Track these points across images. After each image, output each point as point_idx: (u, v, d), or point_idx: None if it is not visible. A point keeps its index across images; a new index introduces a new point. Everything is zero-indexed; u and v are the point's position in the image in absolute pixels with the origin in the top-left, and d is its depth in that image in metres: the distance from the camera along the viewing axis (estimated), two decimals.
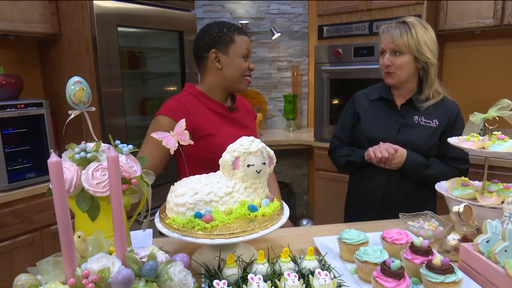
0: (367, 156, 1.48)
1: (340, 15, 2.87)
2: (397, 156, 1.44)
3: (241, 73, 1.45)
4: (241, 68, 1.44)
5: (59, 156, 0.68)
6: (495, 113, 1.13)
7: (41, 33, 2.20)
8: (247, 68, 1.45)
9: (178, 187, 0.96)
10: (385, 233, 1.03)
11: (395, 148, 1.44)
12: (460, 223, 1.01)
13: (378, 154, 1.43)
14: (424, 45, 1.46)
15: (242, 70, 1.44)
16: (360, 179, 1.64)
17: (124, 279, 0.65)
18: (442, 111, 1.53)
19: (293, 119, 3.59)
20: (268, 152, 1.01)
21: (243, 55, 1.43)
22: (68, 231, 0.65)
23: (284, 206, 1.02)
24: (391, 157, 1.43)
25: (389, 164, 1.46)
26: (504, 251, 0.84)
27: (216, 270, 0.86)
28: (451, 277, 0.80)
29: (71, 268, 0.66)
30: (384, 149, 1.43)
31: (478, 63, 2.82)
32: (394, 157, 1.44)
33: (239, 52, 1.42)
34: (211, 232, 0.86)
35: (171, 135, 0.95)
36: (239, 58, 1.43)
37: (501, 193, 1.12)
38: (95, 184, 0.82)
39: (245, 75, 1.46)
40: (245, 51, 1.43)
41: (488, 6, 2.45)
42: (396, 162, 1.45)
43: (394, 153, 1.43)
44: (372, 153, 1.45)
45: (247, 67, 1.45)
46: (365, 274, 0.90)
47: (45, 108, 2.04)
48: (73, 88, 0.81)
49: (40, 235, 2.03)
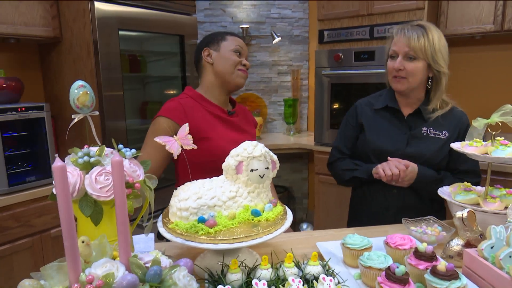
0: (376, 174, 1.39)
1: (341, 20, 2.88)
2: (408, 172, 1.36)
3: (232, 65, 1.44)
4: (231, 60, 1.44)
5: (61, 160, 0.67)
6: (498, 118, 1.13)
7: (42, 36, 2.20)
8: (239, 62, 1.45)
9: (181, 192, 0.95)
10: (388, 238, 1.02)
11: (405, 164, 1.35)
12: (464, 229, 1.01)
13: (388, 172, 1.34)
14: (439, 53, 1.38)
15: (232, 62, 1.44)
16: (368, 194, 1.55)
17: (129, 284, 0.65)
18: (452, 122, 1.46)
19: (293, 123, 3.60)
20: (271, 157, 1.01)
21: (234, 49, 1.44)
22: (73, 235, 0.65)
23: (287, 211, 1.02)
24: (402, 174, 1.34)
25: (401, 181, 1.37)
26: (509, 257, 0.83)
27: (219, 275, 0.85)
28: (456, 283, 0.79)
29: (75, 273, 0.65)
30: (394, 166, 1.35)
31: (478, 68, 2.83)
32: (405, 174, 1.35)
33: (230, 47, 1.45)
34: (215, 237, 0.86)
35: (174, 139, 0.95)
36: (230, 52, 1.44)
37: (504, 199, 1.12)
38: (99, 188, 0.81)
39: (238, 68, 1.45)
40: (236, 47, 1.45)
41: (488, 11, 2.47)
42: (408, 178, 1.37)
43: (405, 170, 1.35)
44: (382, 171, 1.36)
45: (238, 61, 1.45)
46: (369, 280, 0.90)
47: (45, 112, 2.04)
48: (76, 92, 0.81)
49: (40, 239, 2.02)
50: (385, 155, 1.43)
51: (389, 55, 1.47)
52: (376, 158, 1.48)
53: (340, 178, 1.61)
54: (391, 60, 1.46)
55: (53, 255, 2.07)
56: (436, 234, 1.12)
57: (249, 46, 3.59)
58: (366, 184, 1.54)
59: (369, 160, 1.51)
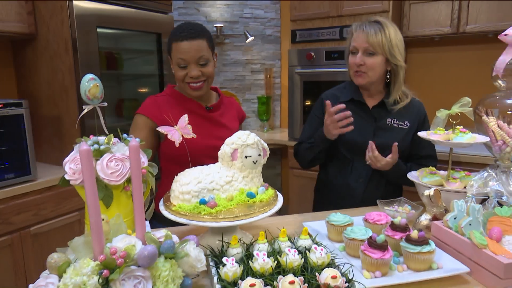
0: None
1: (312, 21, 3.03)
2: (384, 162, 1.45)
3: (180, 80, 1.42)
4: (177, 76, 1.42)
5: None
6: (458, 109, 1.29)
7: (17, 32, 2.18)
8: (184, 76, 1.40)
9: (182, 177, 1.03)
10: (367, 215, 1.15)
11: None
12: (431, 205, 1.15)
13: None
14: (396, 47, 1.48)
15: (178, 78, 1.42)
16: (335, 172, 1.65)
17: (150, 254, 0.72)
18: (412, 112, 1.58)
19: (266, 120, 3.71)
20: (263, 145, 1.11)
21: (177, 63, 1.40)
22: (97, 213, 0.72)
23: (278, 194, 1.12)
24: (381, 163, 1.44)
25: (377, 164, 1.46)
26: (469, 224, 0.98)
27: (221, 250, 0.94)
28: (426, 248, 0.93)
29: (100, 246, 0.72)
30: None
31: (438, 67, 3.08)
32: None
33: (173, 60, 1.42)
34: (216, 216, 0.95)
35: (175, 129, 1.03)
36: (175, 66, 1.42)
37: (464, 179, 1.28)
38: (110, 173, 0.88)
39: (186, 82, 1.42)
40: (178, 60, 1.39)
41: (446, 15, 2.70)
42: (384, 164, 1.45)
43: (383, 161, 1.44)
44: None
45: (182, 75, 1.40)
46: (353, 250, 1.02)
47: (24, 108, 2.02)
48: (87, 84, 0.87)
49: (19, 236, 2.00)
50: (354, 147, 1.55)
51: (350, 51, 1.57)
52: (346, 150, 1.59)
53: (304, 160, 1.68)
54: (352, 55, 1.55)
55: (33, 252, 2.06)
56: (407, 212, 1.26)
57: (223, 45, 3.67)
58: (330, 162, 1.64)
59: (339, 152, 1.60)
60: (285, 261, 0.86)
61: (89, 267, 0.68)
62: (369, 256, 0.91)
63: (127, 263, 0.71)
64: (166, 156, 1.46)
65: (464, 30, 2.65)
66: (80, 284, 0.65)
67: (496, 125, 1.26)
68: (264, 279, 0.81)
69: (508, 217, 1.01)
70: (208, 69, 1.41)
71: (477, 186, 1.12)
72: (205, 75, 1.41)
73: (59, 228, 2.18)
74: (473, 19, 2.63)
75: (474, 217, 0.98)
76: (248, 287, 0.76)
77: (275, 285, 0.79)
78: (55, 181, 2.12)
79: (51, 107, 2.34)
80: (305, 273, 0.84)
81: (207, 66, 1.41)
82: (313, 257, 0.88)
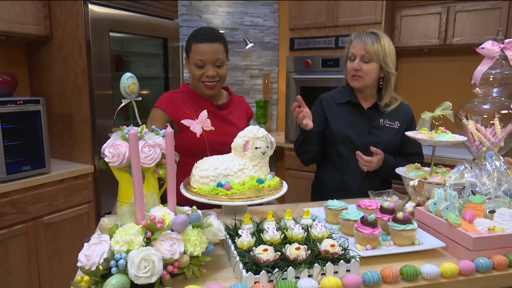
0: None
1: (310, 30, 3.22)
2: (376, 161, 1.63)
3: (196, 79, 1.54)
4: (194, 75, 1.54)
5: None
6: (440, 112, 1.47)
7: (33, 34, 2.32)
8: (201, 75, 1.52)
9: (201, 164, 1.19)
10: (359, 202, 1.32)
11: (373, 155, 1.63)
12: (415, 194, 1.32)
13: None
14: (389, 56, 1.67)
15: (194, 77, 1.54)
16: (332, 169, 1.82)
17: (183, 220, 0.88)
18: (401, 114, 1.77)
19: (264, 123, 3.88)
20: (270, 139, 1.27)
21: (195, 63, 1.51)
22: (140, 185, 0.87)
23: (283, 181, 1.28)
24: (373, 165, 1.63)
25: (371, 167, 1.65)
26: (446, 208, 1.15)
27: (236, 225, 1.10)
28: (410, 226, 1.10)
29: (141, 213, 0.88)
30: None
31: (426, 76, 3.29)
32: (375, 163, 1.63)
33: (192, 60, 1.53)
34: (232, 196, 1.11)
35: (196, 122, 1.19)
36: (193, 65, 1.53)
37: (444, 174, 1.46)
38: (144, 157, 1.03)
39: (202, 80, 1.53)
40: (197, 60, 1.50)
41: (434, 28, 2.91)
42: (376, 165, 1.64)
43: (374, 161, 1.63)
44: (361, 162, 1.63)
45: (199, 75, 1.52)
46: (347, 229, 1.18)
47: (41, 105, 2.16)
48: (127, 82, 1.03)
49: (33, 225, 2.13)
50: (350, 143, 1.73)
51: (348, 57, 1.74)
52: (343, 145, 1.75)
53: (302, 155, 1.81)
54: (350, 61, 1.73)
55: (45, 241, 2.18)
56: (394, 202, 1.43)
57: None
58: (327, 160, 1.81)
59: (337, 148, 1.77)
60: (291, 234, 1.02)
61: (135, 229, 0.83)
62: (361, 232, 1.07)
63: (164, 228, 0.87)
64: (179, 148, 1.59)
65: (451, 42, 2.87)
66: (129, 241, 0.80)
67: (475, 127, 1.45)
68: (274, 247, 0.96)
69: (480, 204, 1.18)
70: (223, 70, 1.55)
71: (455, 178, 1.29)
72: (219, 75, 1.54)
73: (69, 219, 2.31)
74: (459, 32, 2.84)
75: (451, 202, 1.15)
76: (261, 251, 0.92)
77: (284, 251, 0.95)
78: (67, 174, 2.26)
79: (63, 106, 2.48)
80: (308, 243, 1.00)
81: (221, 68, 1.54)
82: (314, 232, 1.04)
